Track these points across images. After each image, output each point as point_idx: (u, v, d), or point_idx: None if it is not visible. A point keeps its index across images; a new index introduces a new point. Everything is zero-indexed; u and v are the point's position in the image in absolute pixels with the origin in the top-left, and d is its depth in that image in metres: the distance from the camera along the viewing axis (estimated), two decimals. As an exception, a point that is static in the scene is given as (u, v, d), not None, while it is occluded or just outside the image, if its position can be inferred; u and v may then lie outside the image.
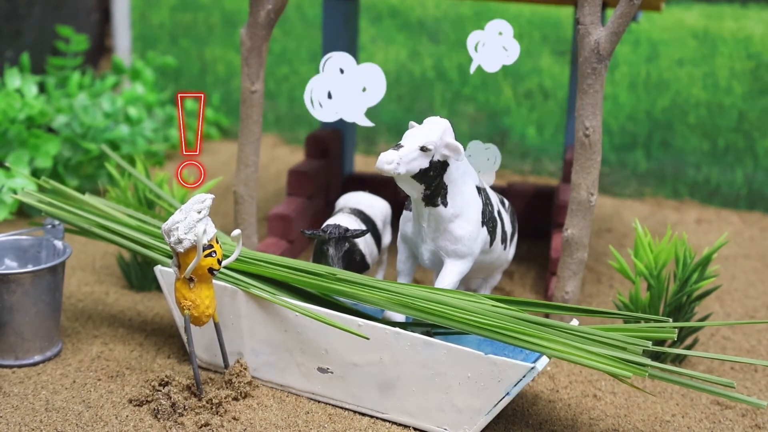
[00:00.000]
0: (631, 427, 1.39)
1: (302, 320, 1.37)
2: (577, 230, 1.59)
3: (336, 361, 1.37)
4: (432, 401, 1.33)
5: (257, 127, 1.69)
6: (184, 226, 1.31)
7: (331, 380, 1.39)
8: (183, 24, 3.02)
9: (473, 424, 1.31)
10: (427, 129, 1.37)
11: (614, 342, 1.29)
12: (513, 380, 1.27)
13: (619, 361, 1.26)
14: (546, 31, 2.62)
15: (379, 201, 1.72)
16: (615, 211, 2.45)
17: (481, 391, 1.29)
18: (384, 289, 1.37)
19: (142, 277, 1.78)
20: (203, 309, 1.35)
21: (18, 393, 1.40)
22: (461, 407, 1.31)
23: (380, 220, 1.68)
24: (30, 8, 2.63)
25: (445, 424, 1.33)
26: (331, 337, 1.36)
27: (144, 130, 2.47)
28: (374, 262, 1.64)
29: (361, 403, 1.38)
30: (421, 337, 1.31)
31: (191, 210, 1.32)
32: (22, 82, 2.23)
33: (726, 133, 2.51)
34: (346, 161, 2.23)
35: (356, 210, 1.64)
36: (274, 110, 2.92)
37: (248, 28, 1.64)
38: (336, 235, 1.48)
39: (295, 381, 1.42)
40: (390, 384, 1.35)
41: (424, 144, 1.35)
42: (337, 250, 1.48)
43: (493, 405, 1.29)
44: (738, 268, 2.08)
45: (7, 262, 1.56)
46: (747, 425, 1.41)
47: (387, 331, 1.32)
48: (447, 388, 1.31)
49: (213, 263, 1.32)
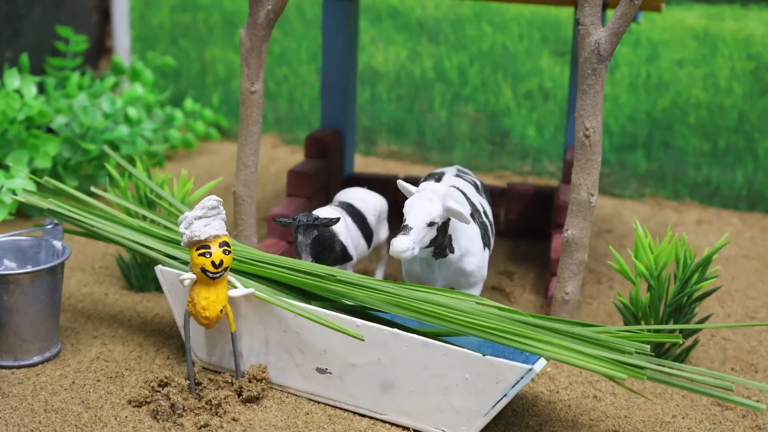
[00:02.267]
0: (632, 428, 1.39)
1: (301, 321, 1.37)
2: (578, 231, 1.59)
3: (335, 361, 1.37)
4: (430, 402, 1.32)
5: (257, 127, 1.69)
6: (186, 222, 1.34)
7: (330, 381, 1.38)
8: (183, 24, 3.02)
9: (471, 425, 1.31)
10: (428, 203, 1.41)
11: (613, 345, 1.28)
12: (511, 381, 1.26)
13: (617, 363, 1.25)
14: (546, 32, 2.61)
15: (374, 196, 1.75)
16: (615, 212, 2.45)
17: (479, 392, 1.29)
18: (382, 291, 1.37)
19: (141, 277, 1.78)
20: (199, 309, 1.35)
21: (17, 394, 1.39)
22: (459, 408, 1.31)
23: (372, 214, 1.71)
24: (30, 9, 2.63)
25: (443, 425, 1.33)
26: (331, 338, 1.36)
27: (143, 131, 2.47)
28: (362, 255, 1.67)
29: (359, 403, 1.38)
30: (419, 338, 1.31)
31: (197, 207, 1.35)
32: (22, 83, 2.23)
33: (726, 134, 2.51)
34: (345, 162, 2.23)
35: (345, 203, 1.68)
36: (274, 111, 2.92)
37: (248, 28, 1.64)
38: (304, 222, 1.51)
39: (294, 381, 1.41)
40: (388, 384, 1.34)
41: (431, 220, 1.40)
42: (305, 237, 1.52)
43: (491, 406, 1.29)
44: (738, 269, 2.08)
45: (6, 262, 1.56)
46: (747, 426, 1.41)
47: (385, 331, 1.32)
48: (445, 389, 1.31)
49: (205, 263, 1.33)
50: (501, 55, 2.66)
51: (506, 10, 2.63)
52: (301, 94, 2.87)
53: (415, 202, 1.41)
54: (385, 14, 2.77)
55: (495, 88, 2.68)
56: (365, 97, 2.78)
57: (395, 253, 1.37)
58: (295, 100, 2.89)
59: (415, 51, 2.74)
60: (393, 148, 2.80)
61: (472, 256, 1.52)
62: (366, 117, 2.80)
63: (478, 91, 2.70)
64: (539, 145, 2.67)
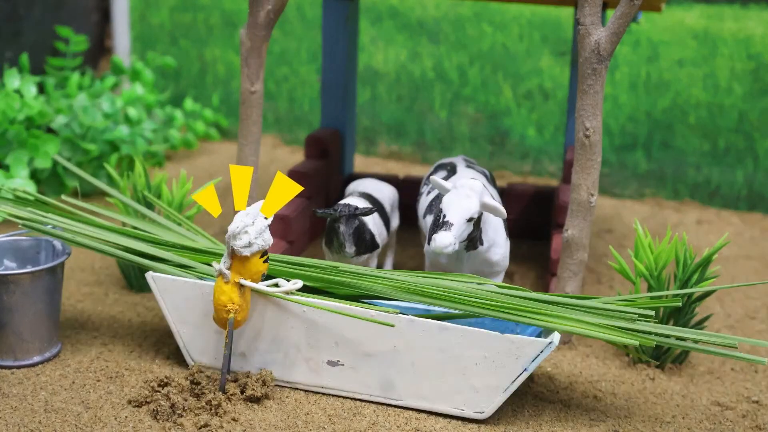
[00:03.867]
0: (632, 428, 1.39)
1: (311, 315, 1.38)
2: (578, 231, 1.59)
3: (347, 353, 1.39)
4: (448, 384, 1.36)
5: (257, 127, 1.69)
6: (255, 230, 1.33)
7: (342, 372, 1.40)
8: (183, 24, 3.02)
9: (491, 402, 1.35)
10: (467, 199, 1.46)
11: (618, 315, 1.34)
12: (531, 356, 1.31)
13: (625, 331, 1.32)
14: (546, 32, 2.61)
15: (387, 186, 1.83)
16: (615, 212, 2.45)
17: (498, 369, 1.33)
18: (388, 278, 1.41)
19: (141, 278, 1.78)
20: (245, 314, 1.37)
21: (17, 394, 1.39)
22: (478, 387, 1.34)
23: (388, 203, 1.78)
24: (30, 9, 2.63)
25: (462, 405, 1.36)
26: (342, 330, 1.37)
27: (143, 131, 2.47)
28: (384, 243, 1.72)
29: (373, 392, 1.40)
30: (435, 322, 1.34)
31: (257, 215, 1.34)
32: (22, 83, 2.23)
33: (726, 134, 2.51)
34: (345, 161, 2.23)
35: (365, 193, 1.74)
36: (274, 111, 2.92)
37: (248, 28, 1.64)
38: (346, 212, 1.56)
39: (303, 377, 1.42)
40: (404, 370, 1.37)
41: (470, 216, 1.45)
42: (347, 227, 1.56)
43: (511, 381, 1.33)
44: (738, 269, 2.08)
45: (7, 263, 1.56)
46: (747, 426, 1.41)
47: (401, 318, 1.34)
48: (464, 369, 1.34)
49: (266, 268, 1.37)
50: (501, 55, 2.66)
51: (506, 10, 2.63)
52: (301, 94, 2.87)
53: (453, 199, 1.46)
54: (385, 14, 2.77)
55: (495, 88, 2.68)
56: (365, 97, 2.78)
57: (438, 248, 1.41)
58: (295, 100, 2.89)
59: (415, 51, 2.74)
60: (393, 148, 2.80)
61: (498, 246, 1.57)
62: (366, 117, 2.80)
63: (478, 91, 2.70)
64: (539, 145, 2.67)
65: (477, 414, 1.36)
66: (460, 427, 1.35)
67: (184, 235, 1.56)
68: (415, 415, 1.38)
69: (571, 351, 1.62)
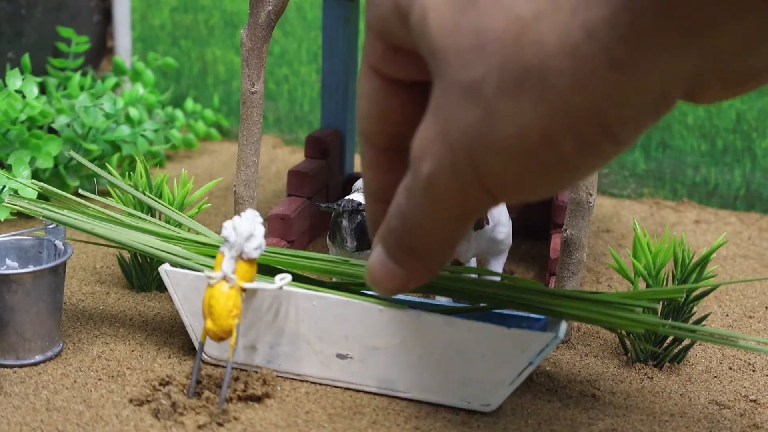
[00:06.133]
0: (630, 426, 1.40)
1: (320, 309, 1.39)
2: (576, 230, 1.59)
3: (356, 346, 1.40)
4: (455, 377, 1.37)
5: (257, 127, 1.69)
6: (261, 232, 1.33)
7: (351, 365, 1.42)
8: (183, 25, 3.03)
9: (496, 395, 1.36)
10: None
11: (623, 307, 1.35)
12: (536, 349, 1.33)
13: (631, 320, 1.33)
14: (545, 32, 2.62)
15: None
16: (614, 212, 2.46)
17: (504, 363, 1.34)
18: None
19: (142, 277, 1.79)
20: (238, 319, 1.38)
21: (19, 392, 1.40)
22: (484, 380, 1.36)
23: None
24: (31, 9, 2.63)
25: (468, 398, 1.38)
26: (352, 324, 1.39)
27: (145, 131, 2.48)
28: None
29: (381, 384, 1.41)
30: (443, 316, 1.36)
31: (256, 221, 1.34)
32: (23, 83, 2.24)
33: (724, 134, 2.51)
34: (346, 161, 2.24)
35: None
36: (274, 111, 2.93)
37: (248, 29, 1.65)
38: (349, 208, 1.57)
39: (313, 369, 1.44)
40: (411, 364, 1.38)
41: None
42: (350, 222, 1.57)
43: (517, 375, 1.35)
44: (736, 269, 2.09)
45: (9, 262, 1.57)
46: (745, 424, 1.42)
47: (409, 312, 1.36)
48: (470, 362, 1.36)
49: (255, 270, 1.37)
50: (500, 56, 2.66)
51: (506, 10, 2.63)
52: (301, 94, 2.88)
53: None
54: (385, 15, 2.77)
55: (495, 89, 2.68)
56: (365, 98, 2.78)
57: None
58: (295, 100, 2.89)
59: (415, 51, 2.74)
60: (393, 148, 2.80)
61: (503, 225, 1.63)
62: (366, 117, 2.80)
63: (478, 92, 2.70)
64: (539, 145, 2.67)
65: (483, 407, 1.38)
66: (459, 426, 1.36)
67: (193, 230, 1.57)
68: (414, 413, 1.39)
69: (569, 350, 1.63)
